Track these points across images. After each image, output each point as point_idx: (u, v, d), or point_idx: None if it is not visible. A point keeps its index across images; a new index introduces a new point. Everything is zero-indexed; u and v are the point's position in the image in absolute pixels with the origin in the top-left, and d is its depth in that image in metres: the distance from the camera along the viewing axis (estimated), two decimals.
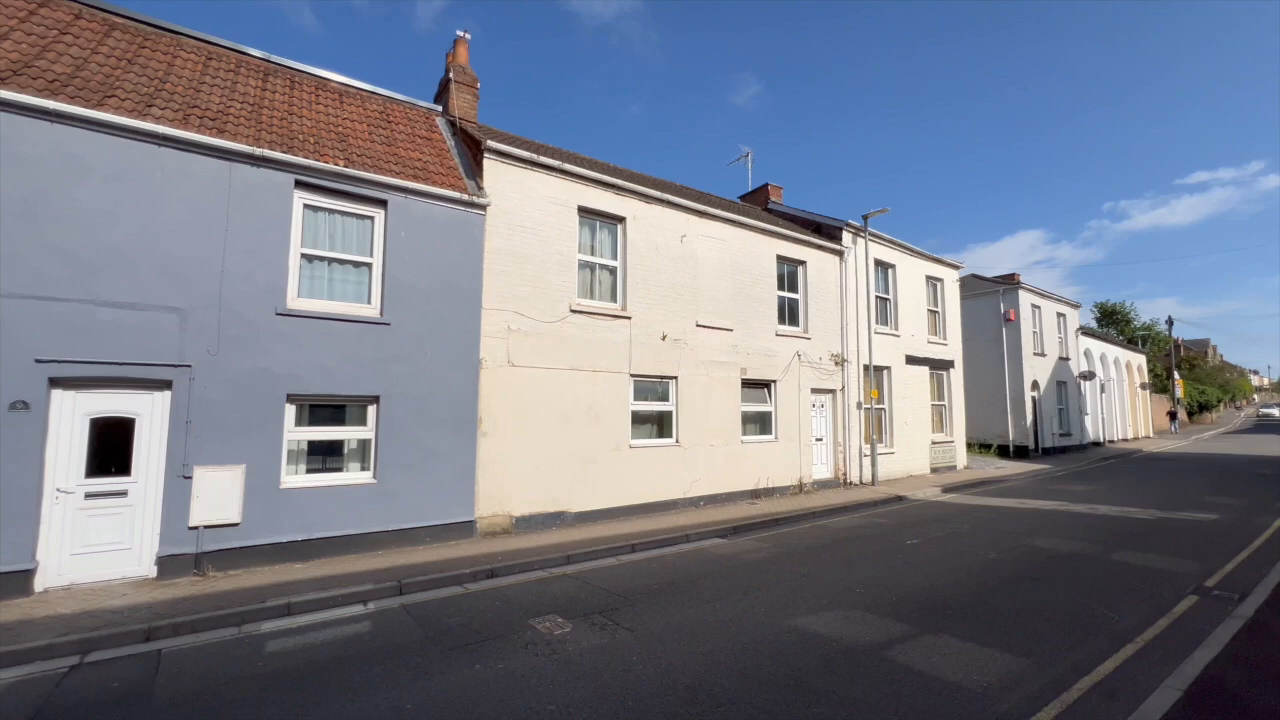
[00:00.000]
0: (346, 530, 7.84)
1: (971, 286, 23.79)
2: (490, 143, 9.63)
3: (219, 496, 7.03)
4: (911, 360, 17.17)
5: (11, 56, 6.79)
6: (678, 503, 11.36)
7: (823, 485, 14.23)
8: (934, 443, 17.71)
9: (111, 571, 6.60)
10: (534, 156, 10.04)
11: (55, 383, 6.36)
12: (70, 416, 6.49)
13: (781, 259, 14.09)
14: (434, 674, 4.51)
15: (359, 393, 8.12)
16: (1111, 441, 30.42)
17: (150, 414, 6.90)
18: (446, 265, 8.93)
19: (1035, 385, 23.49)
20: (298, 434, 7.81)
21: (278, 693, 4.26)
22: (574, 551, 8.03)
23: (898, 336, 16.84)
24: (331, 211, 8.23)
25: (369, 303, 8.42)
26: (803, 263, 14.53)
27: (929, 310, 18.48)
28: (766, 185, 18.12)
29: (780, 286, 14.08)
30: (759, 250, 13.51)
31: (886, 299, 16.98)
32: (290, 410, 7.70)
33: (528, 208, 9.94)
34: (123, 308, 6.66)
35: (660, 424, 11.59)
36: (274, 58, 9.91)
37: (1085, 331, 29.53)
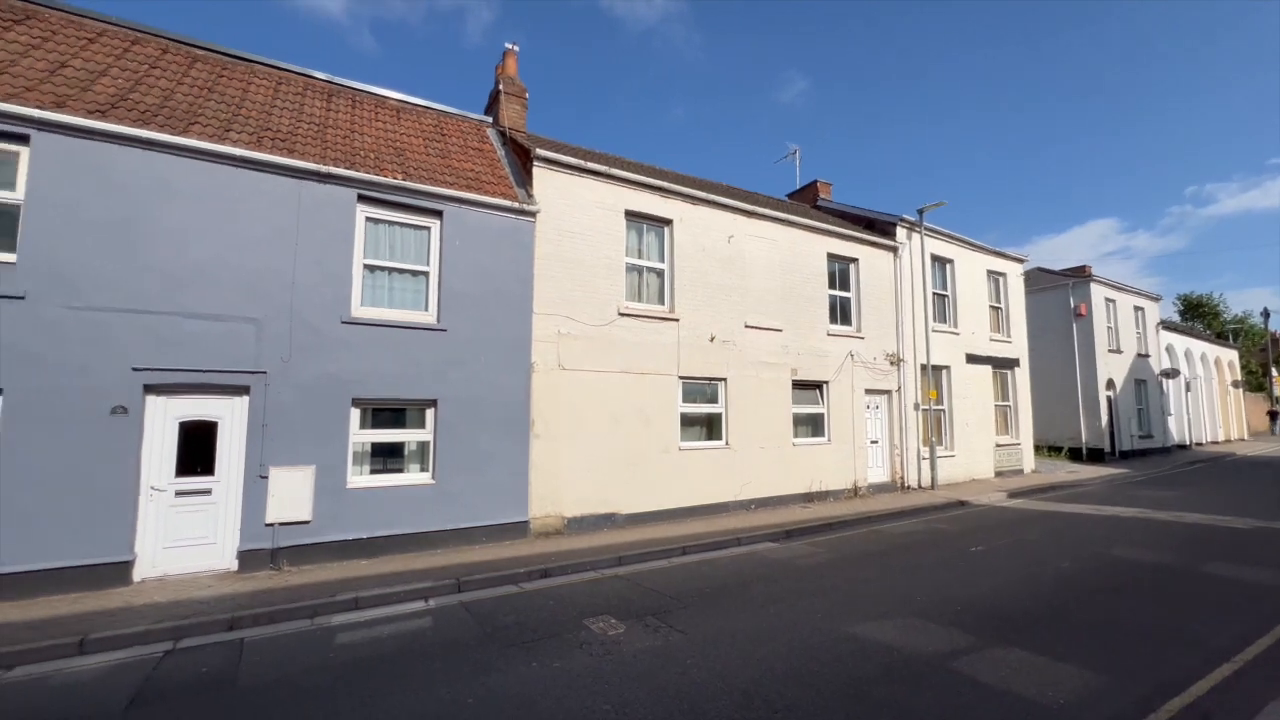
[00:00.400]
0: (407, 529, 8.15)
1: (1037, 280, 22.56)
2: (539, 151, 9.84)
3: (292, 495, 7.46)
4: (972, 359, 16.44)
5: (110, 91, 7.43)
6: (728, 505, 11.26)
7: (879, 489, 13.79)
8: (998, 445, 16.89)
9: (198, 564, 7.10)
10: (581, 163, 10.20)
11: (149, 389, 6.90)
12: (162, 420, 7.03)
13: (832, 257, 13.76)
14: (493, 670, 4.63)
15: (418, 396, 8.45)
16: (1199, 444, 28.18)
17: (230, 418, 7.39)
18: (499, 272, 9.17)
19: (1110, 384, 22.03)
20: (362, 436, 8.19)
21: (349, 683, 4.47)
22: (625, 553, 8.08)
23: (957, 334, 16.16)
24: (391, 223, 8.60)
25: (426, 310, 8.74)
26: (854, 260, 14.16)
27: (991, 306, 17.64)
28: (815, 182, 17.75)
29: (831, 285, 13.76)
30: (809, 249, 13.25)
31: (944, 295, 16.32)
32: (355, 414, 8.09)
33: (576, 213, 10.09)
34: (206, 319, 7.17)
35: (710, 426, 11.53)
36: (337, 79, 10.44)
37: (1167, 326, 27.50)
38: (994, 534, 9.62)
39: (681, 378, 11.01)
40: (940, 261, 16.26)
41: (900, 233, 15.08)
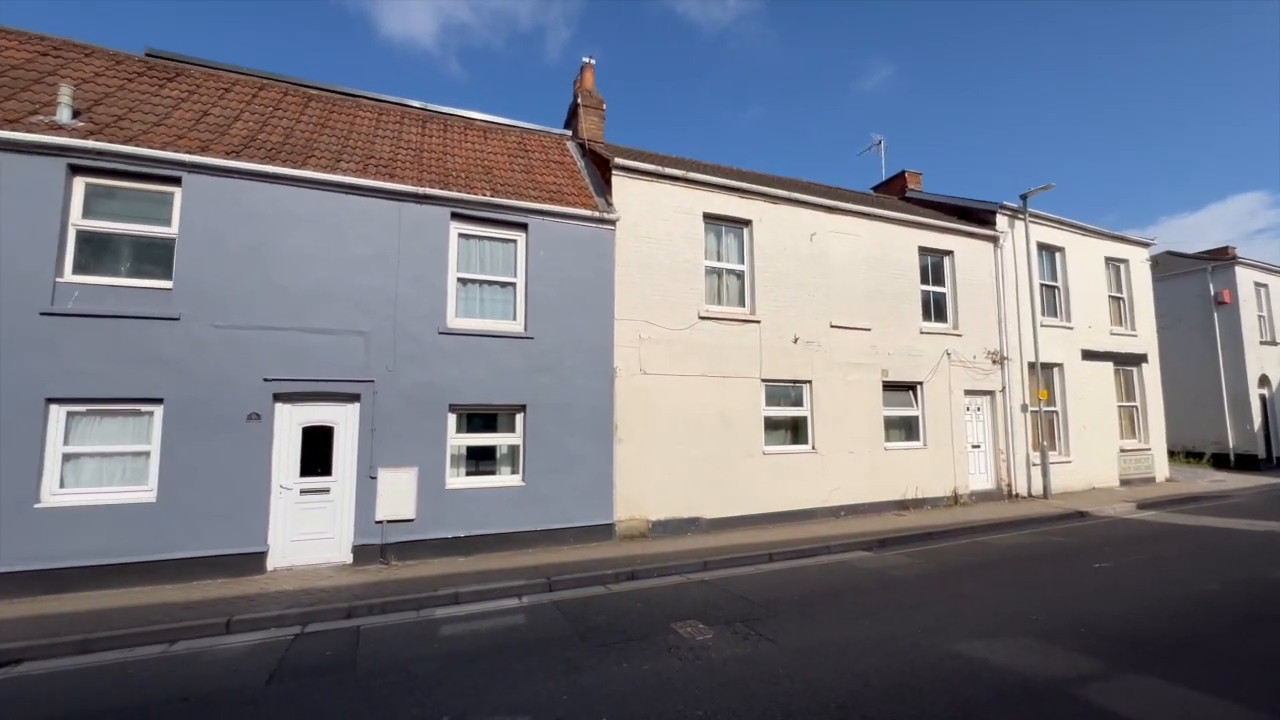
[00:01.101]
0: (500, 529, 8.55)
1: (1168, 265, 20.17)
2: (617, 160, 10.04)
3: (398, 495, 8.03)
4: (1089, 355, 14.94)
5: (242, 134, 8.38)
6: (816, 512, 10.90)
7: (982, 497, 12.83)
8: (1123, 450, 15.22)
9: (319, 557, 7.80)
10: (659, 169, 10.29)
11: (278, 397, 7.69)
12: (288, 425, 7.80)
13: (924, 250, 13.01)
14: (585, 669, 4.75)
15: (508, 402, 8.84)
16: None
17: (344, 423, 8.08)
18: (581, 280, 9.44)
19: (1264, 380, 19.25)
20: (458, 440, 8.68)
21: (453, 672, 4.75)
22: (710, 558, 8.03)
23: (1070, 328, 14.75)
24: (481, 238, 9.09)
25: (514, 319, 9.14)
26: (949, 253, 13.30)
27: (1110, 296, 15.97)
28: (903, 173, 16.88)
29: (924, 280, 13.01)
30: (897, 243, 12.61)
31: (1054, 286, 14.97)
32: (451, 419, 8.59)
33: (655, 219, 10.19)
34: (323, 333, 7.90)
35: (795, 430, 11.23)
36: (430, 106, 11.20)
37: None
38: (1122, 549, 8.68)
39: (764, 380, 10.81)
40: (1048, 250, 14.93)
41: (1000, 221, 14.00)
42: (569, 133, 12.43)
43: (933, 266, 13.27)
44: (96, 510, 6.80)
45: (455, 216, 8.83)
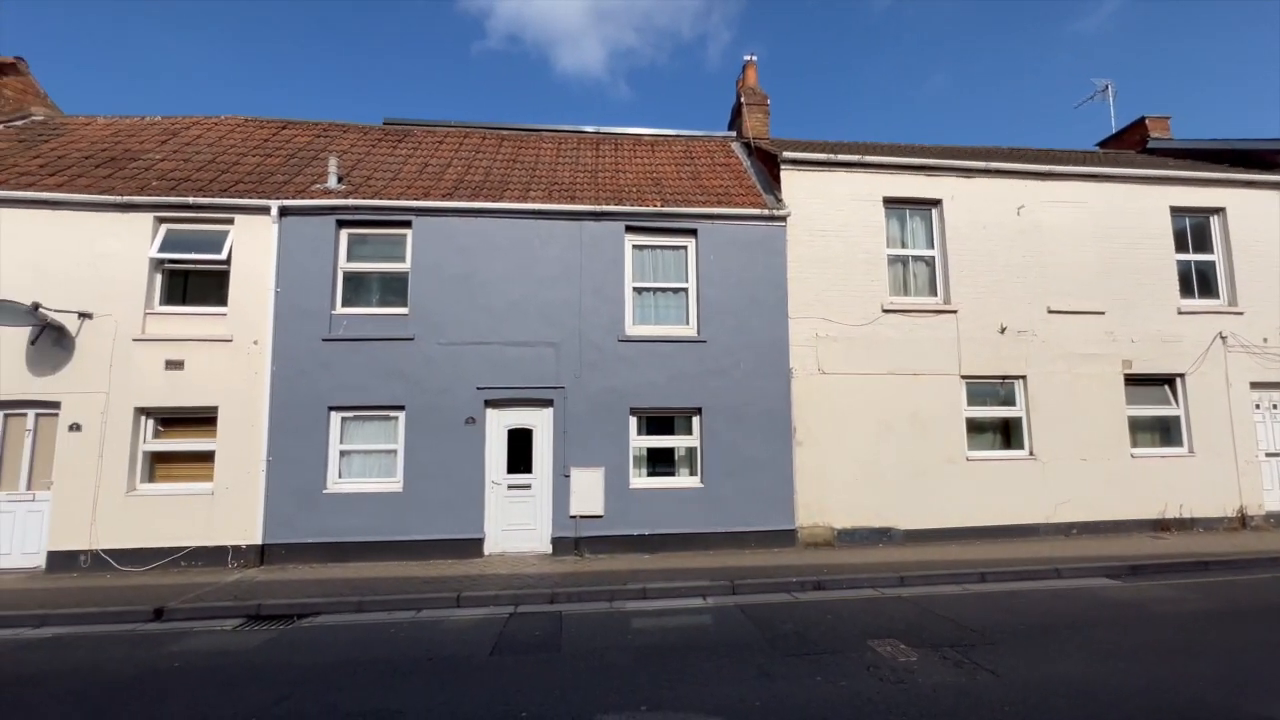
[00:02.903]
0: (680, 529, 8.76)
1: None
2: (785, 154, 9.75)
3: (588, 493, 8.66)
4: None
5: (452, 178, 9.78)
6: (1037, 528, 9.39)
7: None
8: None
9: (524, 545, 8.72)
10: (830, 157, 9.77)
11: (488, 404, 8.80)
12: (496, 428, 8.87)
13: (1178, 211, 10.54)
14: (777, 677, 4.63)
15: (684, 405, 9.05)
16: None
17: (541, 426, 8.94)
18: (752, 280, 9.32)
19: None
20: (639, 442, 9.10)
21: (646, 664, 4.95)
22: (908, 573, 7.35)
23: None
24: (653, 248, 9.46)
25: (687, 324, 9.33)
26: (1217, 210, 10.60)
27: None
28: (1143, 119, 13.84)
29: (1180, 248, 10.53)
30: (1138, 204, 10.38)
31: None
32: (632, 421, 9.03)
33: (828, 210, 9.69)
34: (521, 346, 8.85)
35: (1006, 433, 9.82)
36: (602, 129, 11.99)
37: None
38: None
39: (964, 378, 9.63)
40: None
41: None
42: (733, 134, 12.39)
43: (1193, 229, 10.67)
44: (362, 497, 8.42)
45: (629, 229, 9.30)
